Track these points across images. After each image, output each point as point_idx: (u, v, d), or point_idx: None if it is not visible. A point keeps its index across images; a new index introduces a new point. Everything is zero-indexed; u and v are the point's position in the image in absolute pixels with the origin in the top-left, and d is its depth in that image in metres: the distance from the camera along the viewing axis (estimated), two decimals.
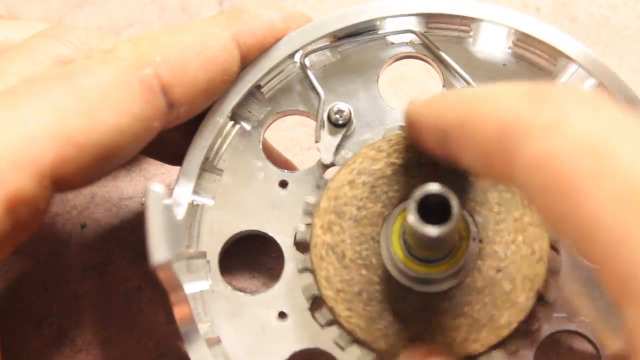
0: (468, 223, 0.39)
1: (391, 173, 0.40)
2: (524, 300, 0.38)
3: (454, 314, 0.39)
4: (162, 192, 0.34)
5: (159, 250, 0.34)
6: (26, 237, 0.34)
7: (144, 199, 0.48)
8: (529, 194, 0.29)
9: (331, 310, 0.39)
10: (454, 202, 0.34)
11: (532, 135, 0.29)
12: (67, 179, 0.34)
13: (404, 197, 0.40)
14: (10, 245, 0.34)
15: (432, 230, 0.34)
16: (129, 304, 0.45)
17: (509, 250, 0.39)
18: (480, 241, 0.39)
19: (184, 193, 0.40)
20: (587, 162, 0.27)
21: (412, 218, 0.34)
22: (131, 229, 0.47)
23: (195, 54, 0.38)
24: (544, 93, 0.30)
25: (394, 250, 0.39)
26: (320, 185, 0.41)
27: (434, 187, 0.35)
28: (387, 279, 0.39)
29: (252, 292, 0.42)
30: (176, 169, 0.41)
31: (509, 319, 0.38)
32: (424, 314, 0.39)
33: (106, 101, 0.34)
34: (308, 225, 0.41)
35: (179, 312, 0.37)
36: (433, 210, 0.35)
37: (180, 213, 0.39)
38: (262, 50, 0.41)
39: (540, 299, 0.39)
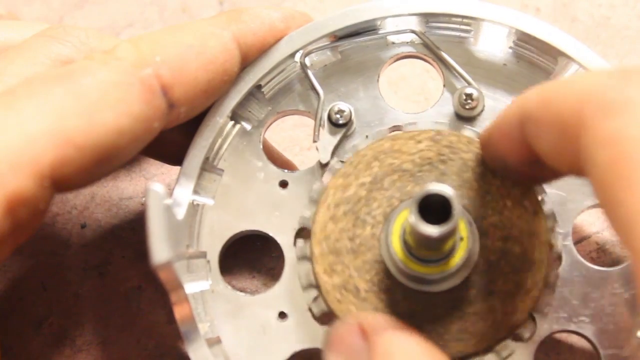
0: (467, 220, 0.39)
1: (366, 192, 0.40)
2: (539, 255, 0.39)
3: (484, 296, 0.39)
4: (162, 192, 0.34)
5: (160, 249, 0.33)
6: (26, 237, 0.34)
7: (144, 199, 0.48)
8: (589, 170, 0.29)
9: None
10: (455, 201, 0.34)
11: (607, 111, 0.28)
12: (66, 179, 0.34)
13: (387, 209, 0.40)
14: (10, 246, 0.34)
15: (433, 230, 0.34)
16: (129, 304, 0.45)
17: (504, 217, 0.39)
18: (475, 220, 0.39)
19: (184, 193, 0.40)
20: None
21: (413, 218, 0.34)
22: (131, 229, 0.47)
23: (195, 54, 0.38)
24: (626, 73, 0.30)
25: (396, 253, 0.39)
26: (314, 198, 0.41)
27: (435, 187, 0.35)
28: (409, 293, 0.39)
29: (252, 292, 0.42)
30: (176, 169, 0.42)
31: (533, 278, 0.39)
32: (454, 310, 0.39)
33: (106, 102, 0.34)
34: (307, 229, 0.41)
35: (179, 312, 0.37)
36: (433, 210, 0.35)
37: (180, 213, 0.39)
38: (263, 50, 0.41)
39: (547, 285, 0.39)
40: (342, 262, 0.40)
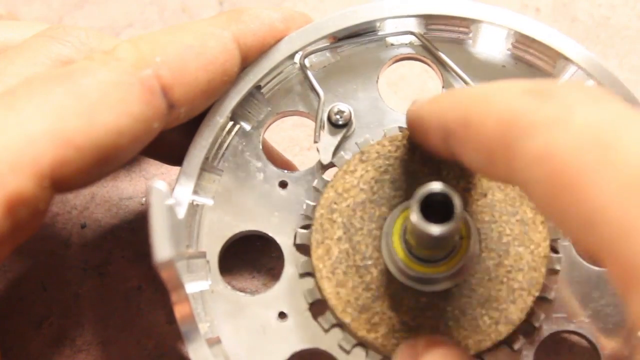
0: (468, 222, 0.39)
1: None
2: (537, 265, 0.39)
3: (479, 301, 0.39)
4: (165, 190, 0.34)
5: (162, 248, 0.33)
6: (26, 238, 0.34)
7: (144, 199, 0.48)
8: (529, 190, 0.29)
9: (365, 341, 0.39)
10: (456, 201, 0.34)
11: (533, 130, 0.29)
12: (66, 180, 0.34)
13: (385, 213, 0.40)
14: (10, 246, 0.34)
15: (435, 229, 0.34)
16: (129, 304, 0.45)
17: (503, 220, 0.40)
18: (478, 224, 0.40)
19: (184, 193, 0.40)
20: (591, 153, 0.27)
21: (415, 217, 0.35)
22: (131, 229, 0.47)
23: (195, 54, 0.38)
24: (544, 89, 0.30)
25: (396, 253, 0.39)
26: (319, 189, 0.41)
27: (436, 186, 0.35)
28: (407, 293, 0.39)
29: (252, 292, 0.42)
30: (176, 169, 0.42)
31: (529, 288, 0.39)
32: (448, 312, 0.39)
33: (106, 102, 0.34)
34: (307, 227, 0.41)
35: (179, 312, 0.37)
36: (435, 209, 0.35)
37: (180, 212, 0.40)
38: (263, 51, 0.41)
39: (552, 273, 0.40)
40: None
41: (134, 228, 0.47)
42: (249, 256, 0.46)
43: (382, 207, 0.40)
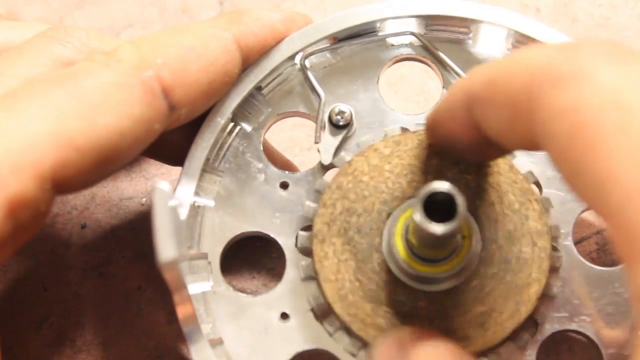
0: (470, 221, 0.39)
1: (361, 202, 0.40)
2: (539, 264, 0.39)
3: (482, 300, 0.39)
4: (168, 191, 0.34)
5: (166, 249, 0.33)
6: (27, 239, 0.34)
7: (144, 199, 0.48)
8: (548, 145, 0.29)
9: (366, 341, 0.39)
10: (460, 200, 0.34)
11: (559, 84, 0.29)
12: (67, 181, 0.34)
13: (387, 213, 0.40)
14: (11, 248, 0.34)
15: (438, 228, 0.34)
16: (129, 304, 0.45)
17: (507, 220, 0.40)
18: (479, 224, 0.40)
19: (186, 193, 0.41)
20: (611, 114, 0.27)
21: (418, 216, 0.35)
22: (131, 229, 0.47)
23: (196, 56, 0.38)
24: (571, 44, 0.30)
25: (398, 252, 0.39)
26: (320, 190, 0.41)
27: (439, 185, 0.35)
28: (407, 291, 0.39)
29: (253, 293, 0.42)
30: (176, 169, 0.42)
31: (532, 286, 0.39)
32: (451, 311, 0.39)
33: (107, 104, 0.34)
34: (308, 229, 0.41)
35: (182, 312, 0.37)
36: (438, 208, 0.35)
37: (182, 213, 0.40)
38: (263, 52, 0.42)
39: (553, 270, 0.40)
40: (345, 266, 0.40)
41: (134, 228, 0.47)
42: (248, 257, 0.46)
43: (384, 207, 0.40)
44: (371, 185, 0.40)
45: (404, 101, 0.49)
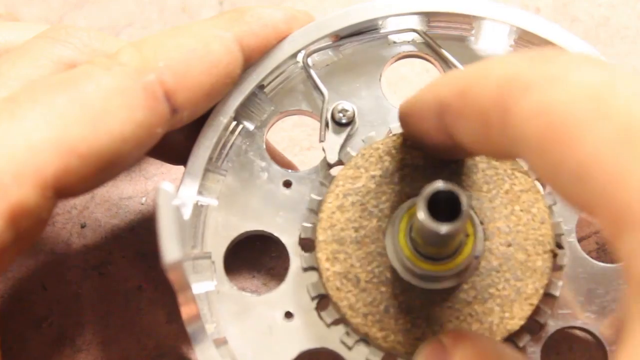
0: (474, 220, 0.39)
1: (375, 186, 0.40)
2: (541, 264, 0.39)
3: (483, 299, 0.39)
4: (172, 191, 0.34)
5: (171, 249, 0.33)
6: (28, 246, 0.34)
7: (144, 198, 0.48)
8: (523, 150, 0.29)
9: (366, 335, 0.39)
10: (463, 198, 0.34)
11: (530, 87, 0.29)
12: (69, 188, 0.33)
13: (395, 204, 0.40)
14: (13, 256, 0.33)
15: (442, 227, 0.34)
16: (129, 304, 0.45)
17: (511, 222, 0.40)
18: (481, 222, 0.40)
19: (189, 193, 0.41)
20: (585, 107, 0.27)
21: (422, 215, 0.34)
22: (131, 229, 0.47)
23: (198, 58, 0.38)
24: (542, 54, 0.30)
25: (402, 250, 0.39)
26: (325, 184, 0.42)
27: (443, 184, 0.35)
28: (408, 289, 0.39)
29: (252, 292, 0.42)
30: (176, 168, 0.42)
31: (534, 286, 0.39)
32: (451, 309, 0.39)
33: (109, 109, 0.34)
34: (313, 224, 0.41)
35: (186, 312, 0.37)
36: (442, 207, 0.35)
37: (185, 213, 0.40)
38: (265, 52, 0.41)
39: (556, 264, 0.40)
40: (345, 252, 0.40)
41: (134, 228, 0.47)
42: (248, 256, 0.46)
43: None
44: (380, 183, 0.41)
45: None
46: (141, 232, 0.47)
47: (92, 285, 0.46)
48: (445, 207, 0.34)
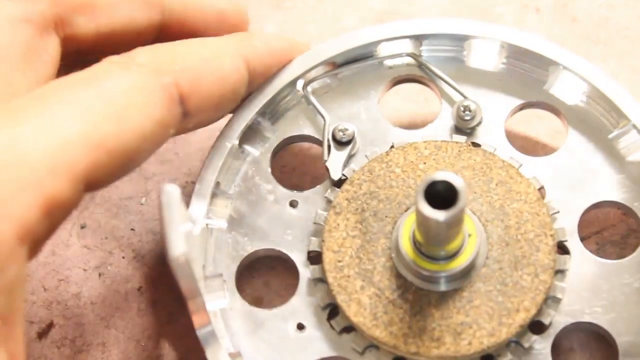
0: (474, 220, 0.41)
1: (378, 190, 0.42)
2: (547, 261, 0.40)
3: (489, 297, 0.40)
4: (177, 192, 0.35)
5: (177, 243, 0.34)
6: (49, 238, 0.35)
7: (144, 199, 0.48)
8: None
9: (374, 338, 0.40)
10: (460, 186, 0.36)
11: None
12: (95, 182, 0.35)
13: (398, 209, 0.42)
14: (42, 246, 0.34)
15: (441, 214, 0.35)
16: (129, 304, 0.45)
17: (512, 220, 0.41)
18: (483, 224, 0.41)
19: (199, 212, 0.42)
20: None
21: (421, 204, 0.36)
22: (131, 229, 0.47)
23: (211, 69, 0.39)
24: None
25: (405, 251, 0.40)
26: (330, 199, 0.43)
27: (439, 175, 0.36)
28: (414, 290, 0.41)
29: (266, 307, 0.42)
30: (176, 169, 0.43)
31: (539, 284, 0.40)
32: (456, 310, 0.40)
33: (132, 106, 0.36)
34: (319, 238, 0.43)
35: (197, 321, 0.38)
36: (441, 200, 0.36)
37: (196, 230, 0.41)
38: (266, 77, 0.43)
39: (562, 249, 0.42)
40: (350, 258, 0.41)
41: (134, 228, 0.47)
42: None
43: (406, 200, 0.42)
44: (401, 178, 0.42)
45: (404, 101, 0.49)
46: (141, 232, 0.47)
47: (92, 286, 0.46)
48: (445, 200, 0.36)
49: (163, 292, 0.45)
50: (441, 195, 0.36)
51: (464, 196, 0.35)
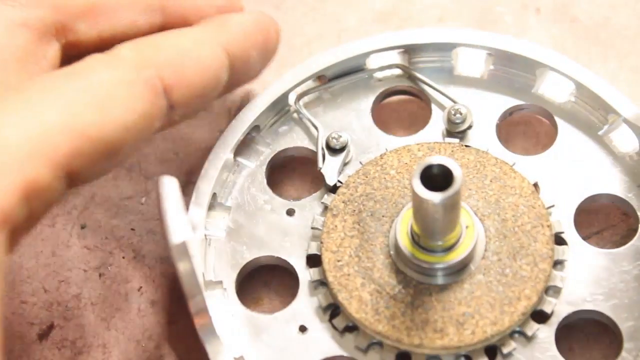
0: (471, 212, 0.42)
1: (375, 191, 0.43)
2: (545, 250, 0.41)
3: (489, 288, 0.40)
4: (175, 183, 0.35)
5: (177, 230, 0.34)
6: (31, 229, 0.35)
7: (144, 198, 0.48)
8: None
9: (376, 333, 0.40)
10: (455, 167, 0.36)
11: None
12: (78, 172, 0.35)
13: (394, 207, 0.42)
14: (22, 235, 0.34)
15: (437, 196, 0.36)
16: (129, 304, 0.45)
17: (509, 211, 0.42)
18: (480, 218, 0.42)
19: (197, 220, 0.43)
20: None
21: (416, 186, 0.37)
22: (131, 229, 0.47)
23: (192, 59, 0.40)
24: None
25: (404, 245, 0.41)
26: (327, 204, 0.44)
27: (435, 158, 0.37)
28: (414, 285, 0.41)
29: (267, 312, 0.43)
30: (175, 169, 0.42)
31: (538, 273, 0.40)
32: (457, 302, 0.41)
33: (114, 98, 0.36)
34: (318, 241, 0.43)
35: (199, 322, 0.38)
36: (438, 185, 0.36)
37: (197, 235, 0.42)
38: (245, 62, 0.43)
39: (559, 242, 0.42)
40: (349, 257, 0.42)
41: (134, 228, 0.47)
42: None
43: (402, 200, 0.43)
44: (396, 179, 0.43)
45: (395, 110, 0.49)
46: (141, 232, 0.47)
47: (92, 286, 0.46)
48: (441, 185, 0.36)
49: (163, 292, 0.45)
50: (437, 179, 0.37)
51: (459, 179, 0.36)
